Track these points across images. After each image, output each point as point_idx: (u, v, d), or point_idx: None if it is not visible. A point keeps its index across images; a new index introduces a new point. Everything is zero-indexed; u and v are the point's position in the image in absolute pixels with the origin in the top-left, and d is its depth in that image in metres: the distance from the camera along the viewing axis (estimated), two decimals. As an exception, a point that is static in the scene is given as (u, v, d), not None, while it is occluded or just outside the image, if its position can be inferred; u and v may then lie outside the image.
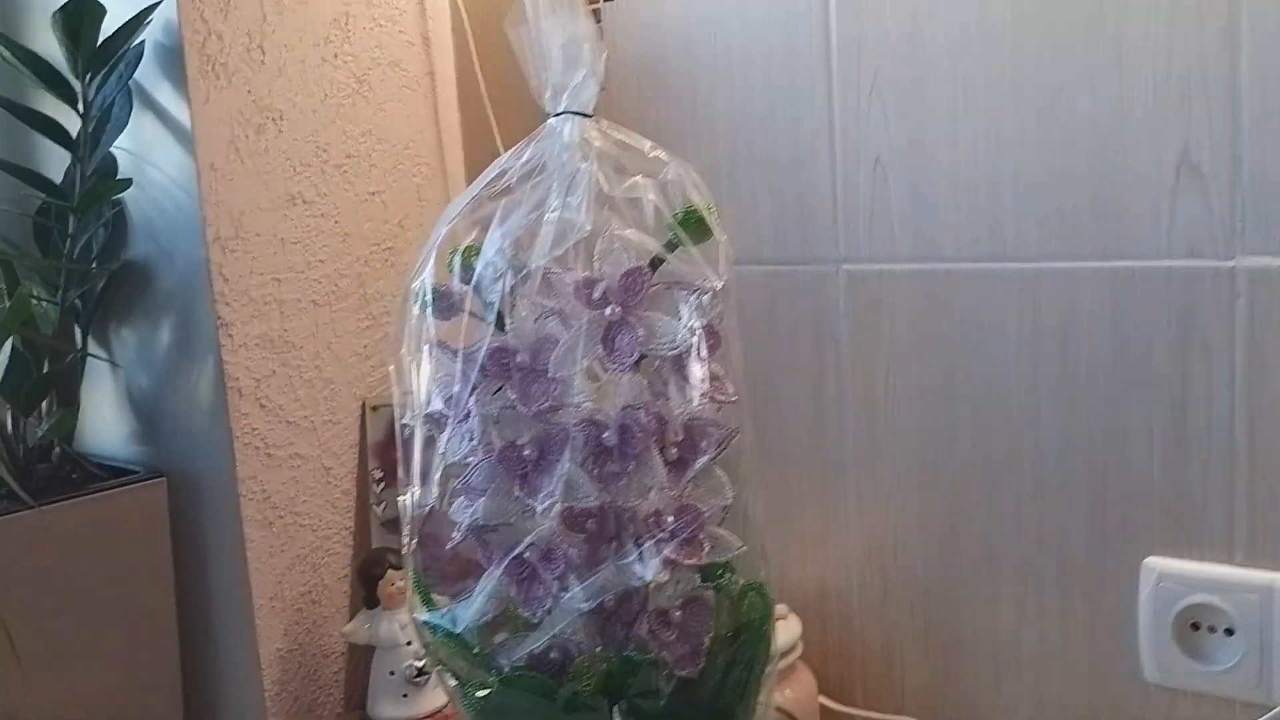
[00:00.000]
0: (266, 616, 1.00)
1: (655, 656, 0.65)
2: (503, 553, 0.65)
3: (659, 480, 0.63)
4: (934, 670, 0.96)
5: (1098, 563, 0.87)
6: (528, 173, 0.63)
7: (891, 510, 0.96)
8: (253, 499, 0.99)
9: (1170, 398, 0.82)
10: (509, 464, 0.64)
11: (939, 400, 0.92)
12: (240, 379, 0.97)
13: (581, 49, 0.62)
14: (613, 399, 0.64)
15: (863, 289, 0.94)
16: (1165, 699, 0.85)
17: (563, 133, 0.63)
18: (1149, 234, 0.81)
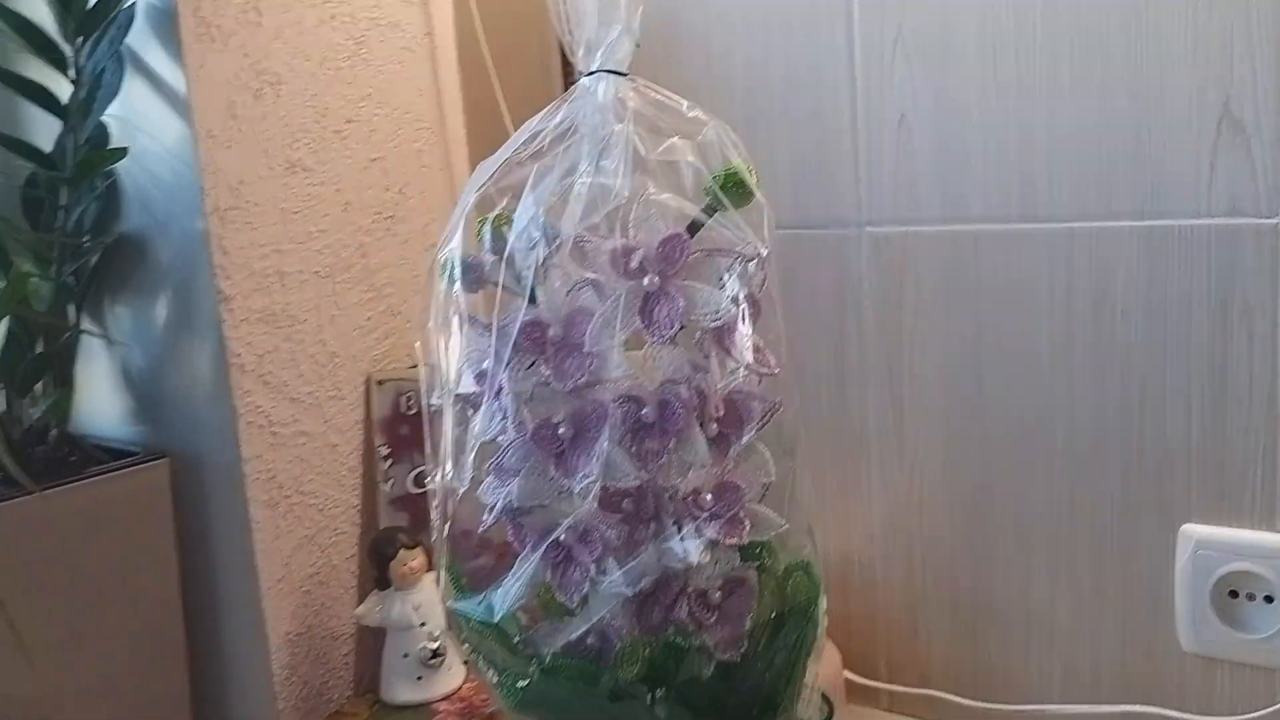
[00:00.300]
0: (274, 599, 0.97)
1: (696, 640, 0.62)
2: (537, 535, 0.63)
3: (701, 457, 0.61)
4: (961, 642, 0.94)
5: (1132, 530, 0.85)
6: (560, 135, 0.60)
7: (917, 478, 0.94)
8: (258, 478, 0.95)
9: (1209, 360, 0.80)
10: (543, 443, 0.61)
11: (966, 366, 0.90)
12: (242, 355, 0.94)
13: (617, 3, 0.58)
14: (652, 373, 0.61)
15: (887, 252, 0.92)
16: (1202, 668, 0.84)
17: (596, 92, 0.60)
18: (1188, 191, 0.79)
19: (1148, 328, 0.82)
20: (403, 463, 1.04)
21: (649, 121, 0.60)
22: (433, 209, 1.10)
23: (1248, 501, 0.80)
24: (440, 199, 1.11)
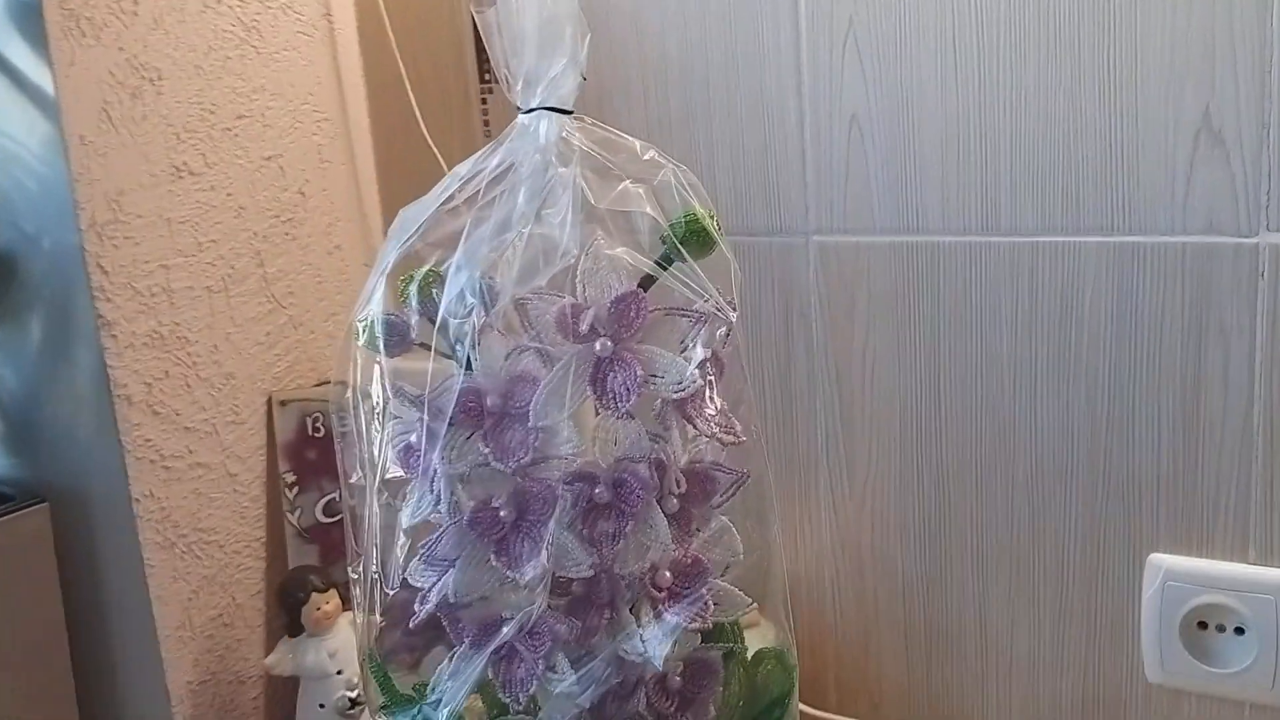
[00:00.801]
0: (174, 647, 0.88)
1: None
2: (476, 629, 0.55)
3: (662, 540, 0.54)
4: (915, 669, 0.90)
5: (1097, 557, 0.81)
6: (495, 178, 0.52)
7: (868, 499, 0.88)
8: (151, 519, 0.86)
9: (1181, 383, 0.76)
10: (482, 528, 0.54)
11: (922, 384, 0.84)
12: (129, 385, 0.84)
13: (561, 33, 0.50)
14: (605, 447, 0.53)
15: (836, 263, 0.85)
16: (1168, 700, 0.81)
17: (538, 132, 0.52)
18: (1163, 207, 0.74)
19: (1116, 348, 0.77)
20: (310, 490, 0.96)
21: (597, 163, 0.52)
22: (336, 208, 1.00)
23: (1220, 531, 0.77)
24: (344, 197, 1.01)
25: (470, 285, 0.51)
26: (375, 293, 0.53)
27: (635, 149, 0.54)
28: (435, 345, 0.52)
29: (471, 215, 0.52)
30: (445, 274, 0.52)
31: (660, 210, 0.52)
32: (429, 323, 0.53)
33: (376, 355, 0.53)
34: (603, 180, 0.52)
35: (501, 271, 0.52)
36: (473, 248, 0.52)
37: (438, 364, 0.52)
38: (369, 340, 0.54)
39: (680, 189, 0.53)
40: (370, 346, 0.54)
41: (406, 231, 0.53)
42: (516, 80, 0.52)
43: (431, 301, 0.52)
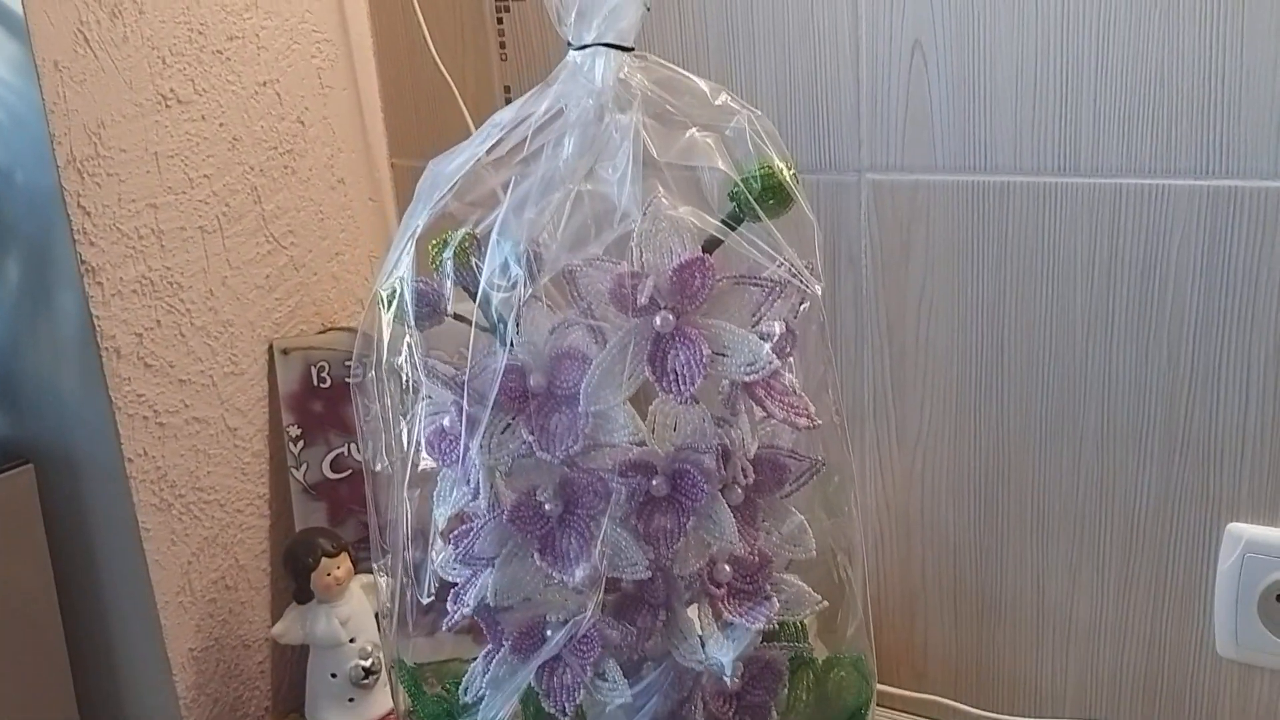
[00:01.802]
0: (174, 614, 0.83)
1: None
2: (517, 633, 0.49)
3: (728, 537, 0.48)
4: (963, 639, 0.84)
5: (1170, 525, 0.75)
6: (542, 127, 0.44)
7: (919, 462, 0.82)
8: (145, 479, 0.80)
9: (1274, 340, 0.69)
10: (524, 524, 0.47)
11: (985, 335, 0.77)
12: (117, 336, 0.77)
13: (622, -47, 0.42)
14: (663, 434, 0.47)
15: (892, 203, 0.78)
16: (1240, 675, 0.75)
17: (593, 73, 0.44)
18: (1262, 148, 0.67)
19: (1204, 300, 0.70)
20: (316, 444, 0.89)
21: (659, 109, 0.45)
22: (338, 139, 0.92)
23: (1308, 500, 0.71)
24: (347, 126, 0.93)
25: (515, 254, 0.44)
26: (403, 258, 0.46)
27: (704, 92, 0.46)
28: (475, 320, 0.45)
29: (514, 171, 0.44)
30: (482, 238, 0.45)
31: (732, 163, 0.45)
32: (465, 292, 0.46)
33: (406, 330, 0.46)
34: (665, 128, 0.45)
35: (547, 234, 0.45)
36: (516, 208, 0.44)
37: (475, 339, 0.45)
38: (397, 312, 0.47)
39: (755, 138, 0.45)
40: (398, 319, 0.47)
41: (439, 188, 0.46)
42: (569, 10, 0.44)
43: (469, 270, 0.45)
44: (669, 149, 0.44)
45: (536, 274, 0.44)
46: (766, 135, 0.46)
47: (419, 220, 0.46)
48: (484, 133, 0.46)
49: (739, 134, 0.45)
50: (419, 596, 0.47)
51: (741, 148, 0.45)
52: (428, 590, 0.47)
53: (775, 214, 0.46)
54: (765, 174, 0.46)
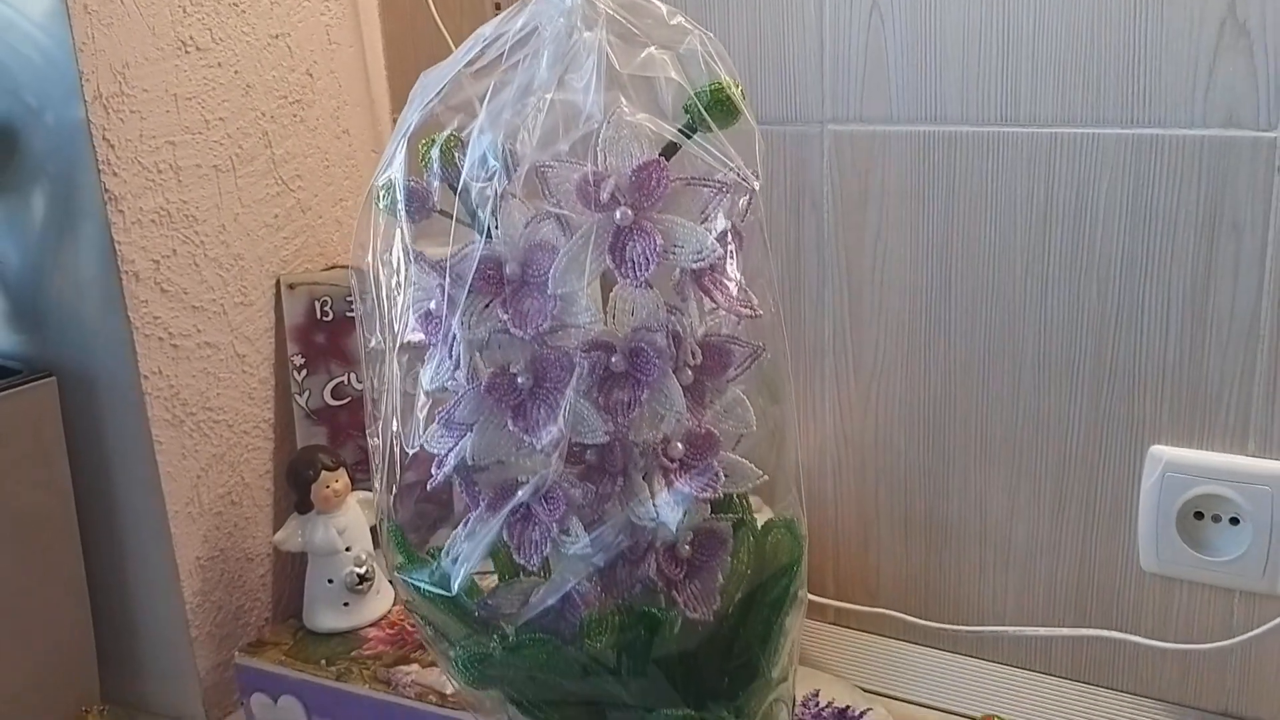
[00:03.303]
0: (182, 524, 0.89)
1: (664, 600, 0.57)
2: (492, 494, 0.56)
3: (677, 409, 0.54)
4: (912, 560, 0.91)
5: (1099, 449, 0.82)
6: (519, 42, 0.51)
7: (874, 392, 0.89)
8: (159, 396, 0.86)
9: (1192, 278, 0.76)
10: (500, 394, 0.54)
11: (934, 275, 0.84)
12: (136, 261, 0.84)
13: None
14: (622, 317, 0.53)
15: (851, 153, 0.85)
16: (1161, 588, 0.82)
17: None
18: (1183, 99, 0.73)
19: (1129, 241, 0.77)
20: (319, 373, 0.96)
21: (622, 28, 0.52)
22: (344, 92, 0.99)
23: (1221, 424, 0.77)
24: (352, 80, 1.00)
25: (492, 149, 0.51)
26: (396, 156, 0.53)
27: (662, 13, 0.53)
28: (456, 212, 0.52)
29: (494, 80, 0.51)
30: (466, 139, 0.52)
31: (686, 79, 0.52)
32: (450, 189, 0.53)
33: (397, 221, 0.53)
34: (627, 46, 0.51)
35: (523, 140, 0.52)
36: (495, 112, 0.51)
37: (458, 231, 0.52)
38: (389, 206, 0.54)
39: (707, 58, 0.52)
40: (390, 212, 0.54)
41: (428, 94, 0.53)
42: (540, -64, 0.51)
43: (453, 166, 0.52)
44: (630, 63, 0.51)
45: (512, 170, 0.51)
46: (717, 55, 0.53)
47: (410, 121, 0.53)
48: (468, 46, 0.53)
49: (692, 53, 0.52)
50: (406, 447, 0.54)
51: (694, 66, 0.52)
52: (412, 442, 0.54)
53: (724, 125, 0.53)
54: (715, 89, 0.53)
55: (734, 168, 0.52)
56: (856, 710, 0.89)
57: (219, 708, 0.93)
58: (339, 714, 0.85)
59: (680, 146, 0.53)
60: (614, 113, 0.52)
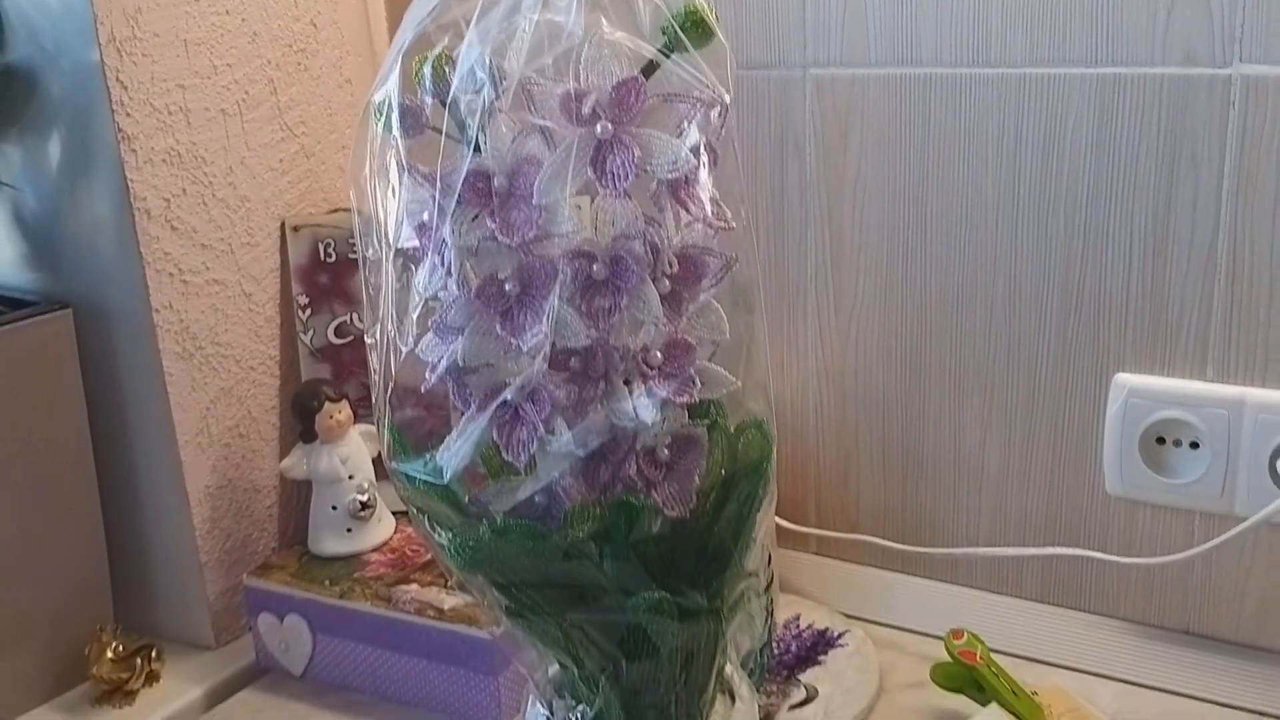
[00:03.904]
0: (192, 453, 0.94)
1: (644, 498, 0.61)
2: (483, 395, 0.60)
3: (654, 314, 0.58)
4: (890, 489, 0.95)
5: (1066, 379, 0.86)
6: (505, -35, 0.55)
7: (854, 330, 0.93)
8: (170, 329, 0.91)
9: (1153, 211, 0.80)
10: (489, 300, 0.58)
11: (910, 214, 0.88)
12: (148, 199, 0.88)
13: None
14: (603, 227, 0.57)
15: (832, 96, 0.88)
16: (1125, 510, 0.86)
17: (547, -81, 0.55)
18: (1143, 39, 0.77)
19: (1094, 177, 0.81)
20: (322, 313, 1.00)
21: (601, -49, 0.56)
22: (346, 42, 1.03)
23: (1181, 351, 0.81)
24: (354, 32, 1.04)
25: (480, 61, 0.54)
26: (391, 72, 0.57)
27: (639, -62, 0.57)
28: (446, 127, 0.56)
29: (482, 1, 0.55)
30: (457, 58, 0.56)
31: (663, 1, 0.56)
32: (441, 105, 0.57)
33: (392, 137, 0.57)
34: (607, -32, 0.55)
35: (510, 58, 0.56)
36: (484, 30, 0.55)
37: (448, 146, 0.56)
38: (385, 122, 0.57)
39: (681, -19, 0.56)
40: (386, 128, 0.57)
41: (422, 11, 0.57)
42: None
43: (444, 82, 0.56)
44: (609, -16, 0.55)
45: (499, 83, 0.55)
46: (691, -21, 0.57)
47: (405, 37, 0.57)
48: (459, -32, 0.57)
49: (668, -23, 0.56)
50: (400, 345, 0.58)
51: (670, -10, 0.56)
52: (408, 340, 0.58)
53: (699, 45, 0.57)
54: (690, 11, 0.56)
55: (708, 84, 0.56)
56: (835, 632, 0.93)
57: (228, 631, 0.98)
58: (342, 631, 0.90)
59: (659, 65, 0.57)
60: (595, 33, 0.55)
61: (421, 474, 0.59)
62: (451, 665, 0.85)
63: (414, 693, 0.88)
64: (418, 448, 0.63)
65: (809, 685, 0.87)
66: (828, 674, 0.88)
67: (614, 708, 0.64)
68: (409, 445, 0.61)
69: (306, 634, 0.91)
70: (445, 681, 0.86)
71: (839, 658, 0.90)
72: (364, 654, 0.89)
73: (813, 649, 0.91)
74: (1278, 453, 0.79)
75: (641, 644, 0.62)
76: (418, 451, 0.63)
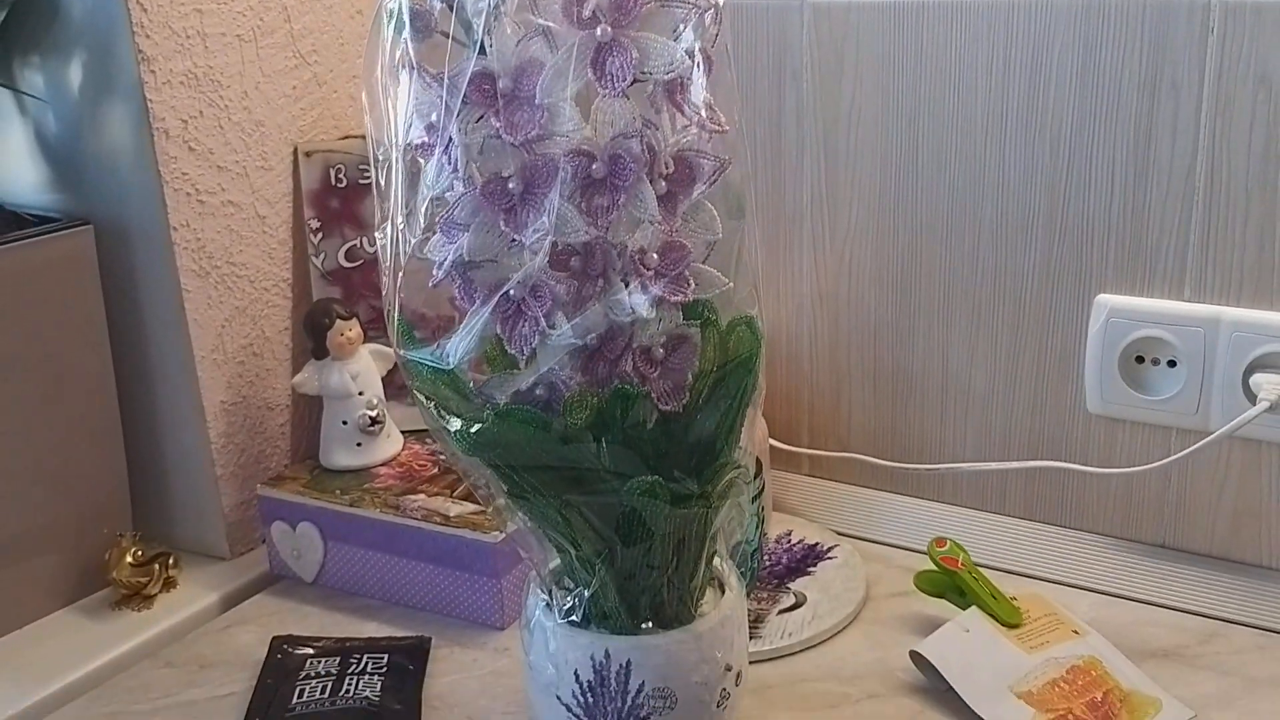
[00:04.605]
0: (208, 369, 0.97)
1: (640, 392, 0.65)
2: (487, 290, 0.63)
3: (651, 212, 0.61)
4: (881, 410, 0.99)
5: (1050, 301, 0.89)
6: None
7: (847, 255, 0.96)
8: (187, 248, 0.94)
9: (1135, 136, 0.83)
10: (493, 198, 0.61)
11: (903, 141, 0.91)
12: (166, 119, 0.91)
13: None
14: (602, 127, 0.60)
15: (829, 24, 0.91)
16: (1105, 428, 0.89)
17: None
18: (1128, -36, 0.80)
19: (1079, 103, 0.84)
20: (333, 236, 1.03)
21: None
22: (358, -29, 1.06)
23: (1160, 272, 0.84)
24: (366, -38, 1.06)
25: (486, -37, 0.58)
26: (401, -22, 0.60)
27: None
28: (453, 30, 0.59)
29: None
30: (464, -39, 0.59)
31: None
32: (449, 8, 0.60)
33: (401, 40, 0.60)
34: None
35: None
36: (489, -66, 0.58)
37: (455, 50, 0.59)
38: (395, 25, 0.61)
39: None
40: (396, 31, 0.61)
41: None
42: None
43: (451, -15, 0.59)
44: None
45: (503, -17, 0.58)
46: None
47: (417, -58, 0.60)
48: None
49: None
50: (410, 236, 0.61)
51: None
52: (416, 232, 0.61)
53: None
54: (685, -79, 0.60)
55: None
56: (825, 546, 0.97)
57: (241, 544, 1.02)
58: (352, 537, 0.93)
59: (655, -26, 0.60)
60: (596, -60, 0.58)
61: (429, 360, 0.63)
62: (457, 569, 0.89)
63: (421, 596, 0.92)
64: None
65: (798, 592, 0.91)
66: (816, 583, 0.92)
67: (609, 590, 0.68)
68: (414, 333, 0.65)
69: (318, 541, 0.95)
70: (450, 585, 0.90)
71: (828, 569, 0.94)
72: (373, 560, 0.93)
73: (803, 561, 0.95)
74: (1250, 369, 0.82)
75: (636, 528, 0.66)
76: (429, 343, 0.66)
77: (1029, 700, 0.77)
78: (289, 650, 0.86)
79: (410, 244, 0.61)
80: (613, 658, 0.68)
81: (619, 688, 0.68)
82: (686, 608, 0.70)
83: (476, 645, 0.88)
